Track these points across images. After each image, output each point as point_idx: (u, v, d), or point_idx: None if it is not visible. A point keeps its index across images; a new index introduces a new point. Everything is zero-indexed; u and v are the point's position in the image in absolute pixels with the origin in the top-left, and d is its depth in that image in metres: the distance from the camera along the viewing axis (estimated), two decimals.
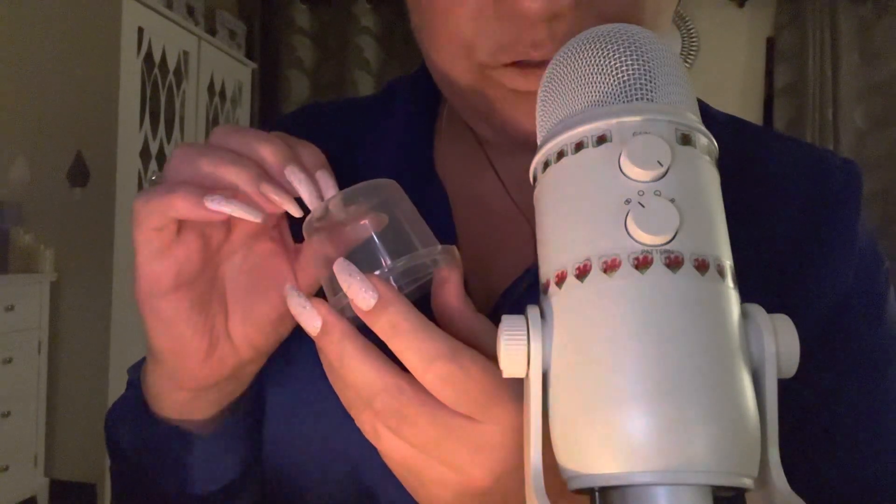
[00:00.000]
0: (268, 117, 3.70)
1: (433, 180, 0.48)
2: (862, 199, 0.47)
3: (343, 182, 0.37)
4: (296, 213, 0.35)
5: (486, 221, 0.47)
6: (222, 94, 3.42)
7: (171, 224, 0.35)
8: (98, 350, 2.57)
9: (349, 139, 0.39)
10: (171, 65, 2.97)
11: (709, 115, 0.50)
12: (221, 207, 0.33)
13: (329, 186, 0.36)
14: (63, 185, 2.59)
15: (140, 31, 2.72)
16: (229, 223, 0.38)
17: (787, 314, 0.26)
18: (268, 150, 0.36)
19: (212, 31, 3.33)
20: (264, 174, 0.35)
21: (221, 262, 0.39)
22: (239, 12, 3.75)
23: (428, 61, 0.44)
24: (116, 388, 2.57)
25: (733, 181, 0.45)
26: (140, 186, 2.77)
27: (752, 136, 0.51)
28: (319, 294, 0.34)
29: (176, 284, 0.36)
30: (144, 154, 2.81)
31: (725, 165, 0.43)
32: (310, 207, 0.35)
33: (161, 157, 2.93)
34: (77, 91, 2.57)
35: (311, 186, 0.35)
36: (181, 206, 0.33)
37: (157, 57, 2.86)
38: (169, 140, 2.99)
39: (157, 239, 0.35)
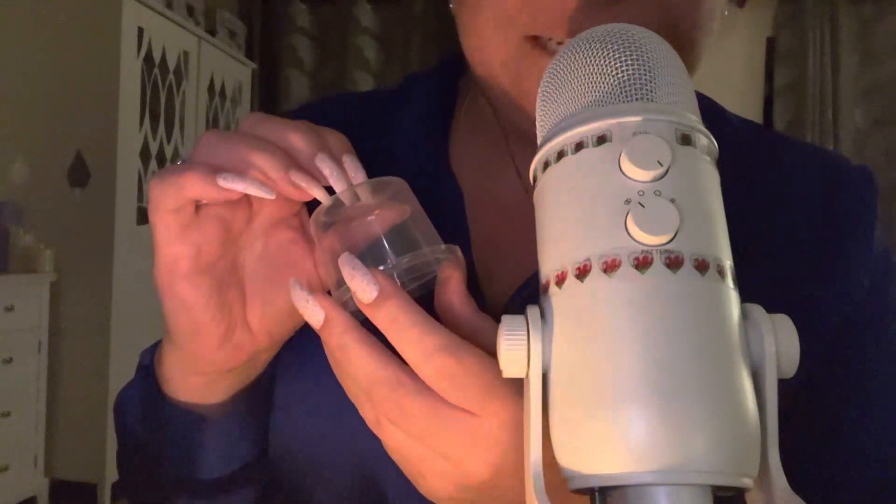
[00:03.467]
0: None
1: (448, 177, 0.48)
2: (878, 206, 0.47)
3: None
4: (325, 200, 0.35)
5: (501, 220, 0.47)
6: (222, 93, 3.42)
7: (187, 205, 0.35)
8: (98, 350, 2.57)
9: (364, 133, 0.40)
10: (171, 65, 2.97)
11: (724, 119, 0.50)
12: (234, 185, 0.33)
13: (357, 172, 0.36)
14: (63, 185, 2.60)
15: (140, 31, 2.72)
16: (250, 210, 0.38)
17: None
18: (297, 138, 0.36)
19: (212, 31, 3.34)
20: (293, 161, 0.35)
21: (242, 250, 0.39)
22: (239, 12, 3.75)
23: (466, 43, 0.43)
24: (116, 387, 2.55)
25: (749, 186, 0.45)
26: (140, 186, 2.77)
27: (769, 140, 0.50)
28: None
29: (195, 268, 0.36)
30: (144, 154, 2.81)
31: (741, 170, 0.43)
32: (337, 190, 0.36)
33: (161, 157, 2.93)
34: (77, 91, 2.58)
35: (340, 174, 0.35)
36: (194, 184, 0.34)
37: (157, 57, 2.86)
38: (169, 140, 2.99)
39: (173, 221, 0.35)
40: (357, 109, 0.54)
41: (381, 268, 0.32)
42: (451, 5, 0.45)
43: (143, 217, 2.76)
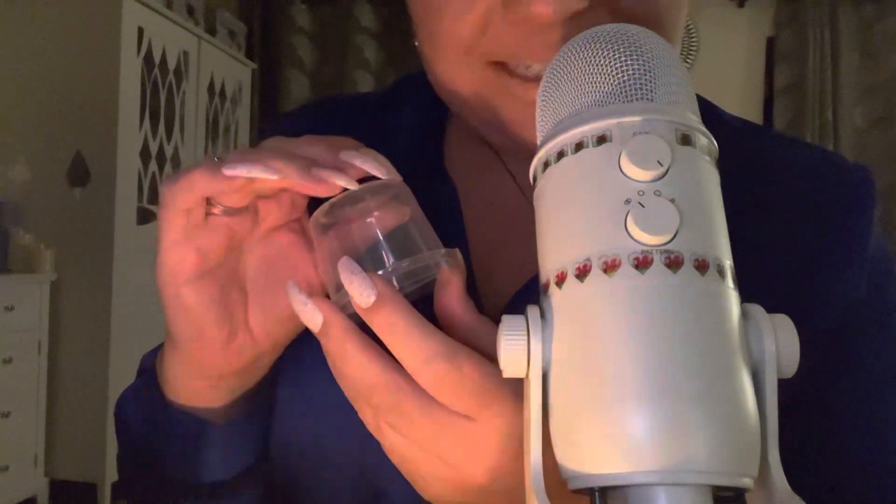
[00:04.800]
0: (268, 117, 3.70)
1: (444, 179, 0.48)
2: (875, 206, 0.47)
3: None
4: (353, 186, 0.35)
5: (498, 223, 0.47)
6: (222, 94, 3.42)
7: (198, 206, 0.35)
8: (98, 350, 2.57)
9: (358, 135, 0.40)
10: (171, 65, 2.97)
11: (722, 121, 0.50)
12: (238, 171, 0.33)
13: (380, 169, 0.36)
14: (63, 185, 2.59)
15: (140, 31, 2.72)
16: (256, 217, 0.38)
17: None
18: (317, 148, 0.36)
19: (212, 31, 3.34)
20: (315, 162, 0.35)
21: (244, 254, 0.39)
22: (239, 12, 3.75)
23: (432, 75, 0.43)
24: (116, 387, 2.57)
25: (747, 186, 0.45)
26: (140, 186, 2.77)
27: (766, 141, 0.50)
28: None
29: (198, 272, 0.36)
30: (144, 154, 2.81)
31: (739, 171, 0.43)
32: (379, 175, 0.35)
33: (161, 157, 2.93)
34: (77, 91, 2.57)
35: (373, 160, 0.35)
36: (202, 180, 0.34)
37: (157, 57, 2.86)
38: (169, 140, 2.99)
39: (183, 222, 0.35)
40: (351, 112, 0.54)
41: (381, 272, 0.32)
42: (415, 42, 0.45)
43: (143, 217, 2.75)
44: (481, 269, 0.45)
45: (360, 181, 0.36)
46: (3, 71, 2.61)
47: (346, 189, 0.35)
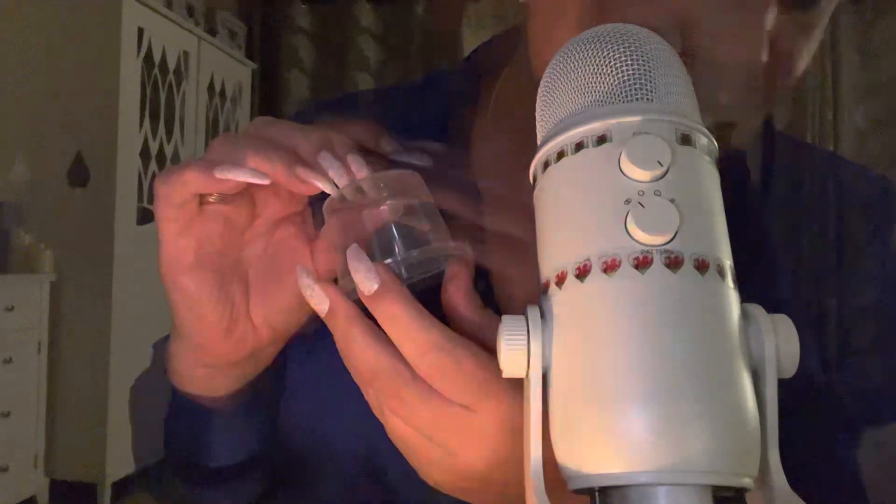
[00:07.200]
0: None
1: (465, 175, 0.48)
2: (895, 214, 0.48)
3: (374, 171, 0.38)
4: (332, 191, 0.36)
5: (520, 222, 0.48)
6: (222, 94, 3.42)
7: (190, 201, 0.36)
8: (98, 350, 2.57)
9: (383, 126, 0.41)
10: (171, 65, 2.97)
11: None
12: (228, 174, 0.34)
13: (360, 170, 0.37)
14: (63, 185, 2.60)
15: (140, 31, 2.72)
16: (253, 208, 0.39)
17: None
18: (301, 139, 0.37)
19: (212, 31, 3.34)
20: (298, 159, 0.36)
21: (246, 246, 0.40)
22: (239, 12, 3.75)
23: (549, 48, 0.40)
24: (117, 388, 2.57)
25: (766, 192, 0.45)
26: (140, 186, 2.77)
27: (786, 148, 0.51)
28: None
29: (197, 261, 0.37)
30: (144, 154, 2.81)
31: (762, 176, 0.43)
32: (342, 188, 0.36)
33: (161, 157, 2.93)
34: (77, 91, 2.58)
35: (341, 170, 0.36)
36: (194, 178, 0.35)
37: (157, 57, 2.86)
38: (169, 140, 2.99)
39: (177, 215, 0.36)
40: (374, 106, 0.55)
41: (389, 261, 0.33)
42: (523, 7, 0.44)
43: (143, 217, 2.75)
44: (500, 272, 0.46)
45: (385, 167, 0.37)
46: (3, 71, 2.61)
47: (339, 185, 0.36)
